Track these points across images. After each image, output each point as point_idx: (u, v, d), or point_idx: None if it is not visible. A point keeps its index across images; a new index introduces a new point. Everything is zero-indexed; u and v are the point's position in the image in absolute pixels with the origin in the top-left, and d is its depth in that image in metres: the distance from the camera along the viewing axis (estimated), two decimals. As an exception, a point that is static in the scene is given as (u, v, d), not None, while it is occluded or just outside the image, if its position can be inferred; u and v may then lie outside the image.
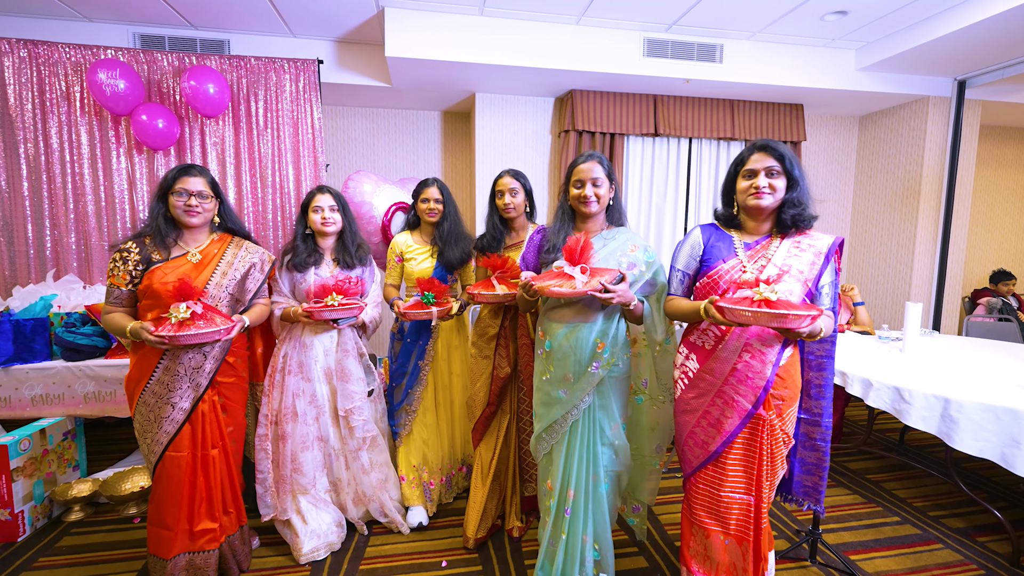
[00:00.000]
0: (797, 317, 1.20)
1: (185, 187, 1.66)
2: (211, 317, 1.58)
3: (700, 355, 1.50)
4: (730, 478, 1.45)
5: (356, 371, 2.02)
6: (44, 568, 1.92)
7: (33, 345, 2.35)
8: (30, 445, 2.17)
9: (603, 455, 1.63)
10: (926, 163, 3.72)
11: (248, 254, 1.81)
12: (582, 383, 1.59)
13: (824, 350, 1.57)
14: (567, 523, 1.62)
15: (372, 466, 2.09)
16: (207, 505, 1.73)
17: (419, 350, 2.24)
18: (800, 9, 2.89)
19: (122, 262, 1.64)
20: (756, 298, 1.25)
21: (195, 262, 1.70)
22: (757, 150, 1.45)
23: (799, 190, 1.42)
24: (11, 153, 2.87)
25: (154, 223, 1.68)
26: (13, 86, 2.82)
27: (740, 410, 1.42)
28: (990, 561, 2.00)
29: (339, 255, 2.02)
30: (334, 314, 1.84)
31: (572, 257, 1.48)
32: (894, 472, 2.74)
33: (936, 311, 3.80)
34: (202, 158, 3.08)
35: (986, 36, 2.94)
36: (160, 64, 2.97)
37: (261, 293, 1.87)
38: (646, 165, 3.81)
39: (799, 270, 1.41)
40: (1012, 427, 1.83)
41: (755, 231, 1.50)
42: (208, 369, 1.70)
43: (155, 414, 1.66)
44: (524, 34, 3.09)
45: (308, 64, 3.15)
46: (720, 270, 1.47)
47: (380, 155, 4.06)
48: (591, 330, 1.58)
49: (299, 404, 1.97)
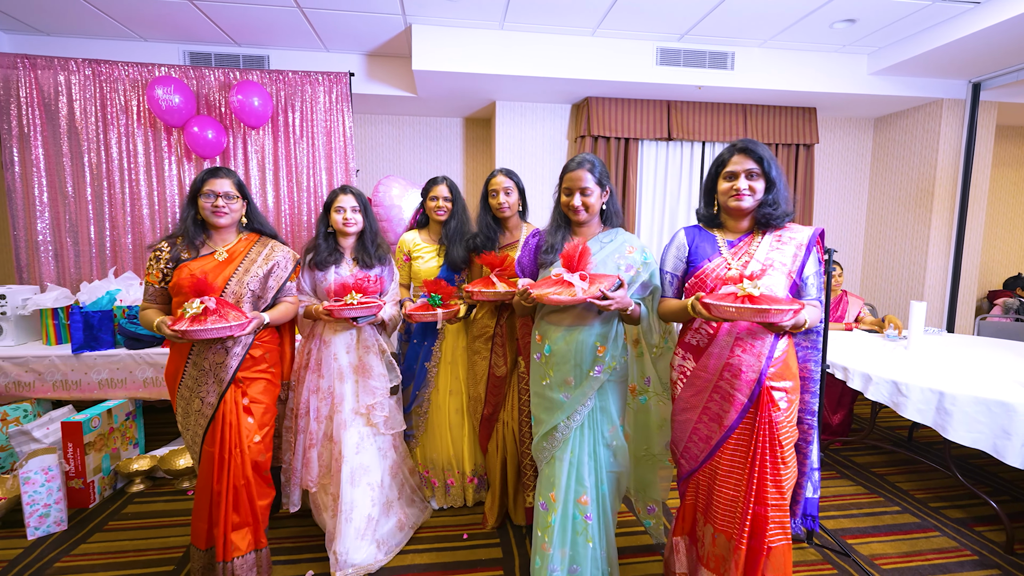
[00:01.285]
0: (779, 311, 1.24)
1: (212, 189, 1.71)
2: (224, 313, 1.58)
3: (695, 354, 1.53)
4: (723, 470, 1.47)
5: (377, 367, 2.02)
6: (114, 530, 2.18)
7: (100, 335, 2.63)
8: (99, 423, 2.43)
9: (604, 457, 1.64)
10: (939, 165, 3.76)
11: (273, 253, 1.83)
12: (584, 387, 1.59)
13: (809, 340, 1.57)
14: (592, 528, 1.61)
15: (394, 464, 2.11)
16: (232, 508, 1.71)
17: (425, 351, 2.23)
18: (808, 18, 3.00)
19: (155, 260, 1.71)
20: (740, 294, 1.30)
21: (221, 260, 1.74)
22: (737, 152, 1.47)
23: (775, 191, 1.46)
24: (77, 163, 3.17)
25: (183, 225, 1.74)
26: (79, 101, 3.12)
27: (737, 404, 1.44)
28: (984, 548, 2.09)
29: (359, 254, 2.03)
30: (353, 312, 1.85)
31: (570, 264, 1.48)
32: (900, 466, 2.83)
33: (950, 311, 3.83)
34: (244, 165, 3.35)
35: (1002, 39, 2.96)
36: (208, 79, 3.24)
37: (287, 291, 1.88)
38: (660, 168, 3.94)
39: (782, 263, 1.45)
40: (1003, 419, 1.92)
41: (736, 229, 1.54)
42: (231, 365, 1.71)
43: (190, 407, 1.73)
44: (542, 46, 3.27)
45: (340, 77, 3.39)
46: (706, 269, 1.50)
47: (405, 160, 4.28)
48: (590, 333, 1.59)
49: (313, 400, 1.99)
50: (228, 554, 1.70)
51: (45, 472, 2.13)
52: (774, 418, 1.43)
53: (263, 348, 1.82)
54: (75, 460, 2.31)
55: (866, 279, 4.44)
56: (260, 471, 1.79)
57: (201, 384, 1.71)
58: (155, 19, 3.02)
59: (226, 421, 1.70)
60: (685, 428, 1.56)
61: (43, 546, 2.07)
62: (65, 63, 3.09)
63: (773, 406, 1.43)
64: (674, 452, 1.64)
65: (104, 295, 2.69)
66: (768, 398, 1.43)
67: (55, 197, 3.18)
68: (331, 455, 1.97)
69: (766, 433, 1.42)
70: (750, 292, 1.29)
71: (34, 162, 3.11)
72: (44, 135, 3.12)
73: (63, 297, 2.77)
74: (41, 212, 3.15)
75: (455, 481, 2.28)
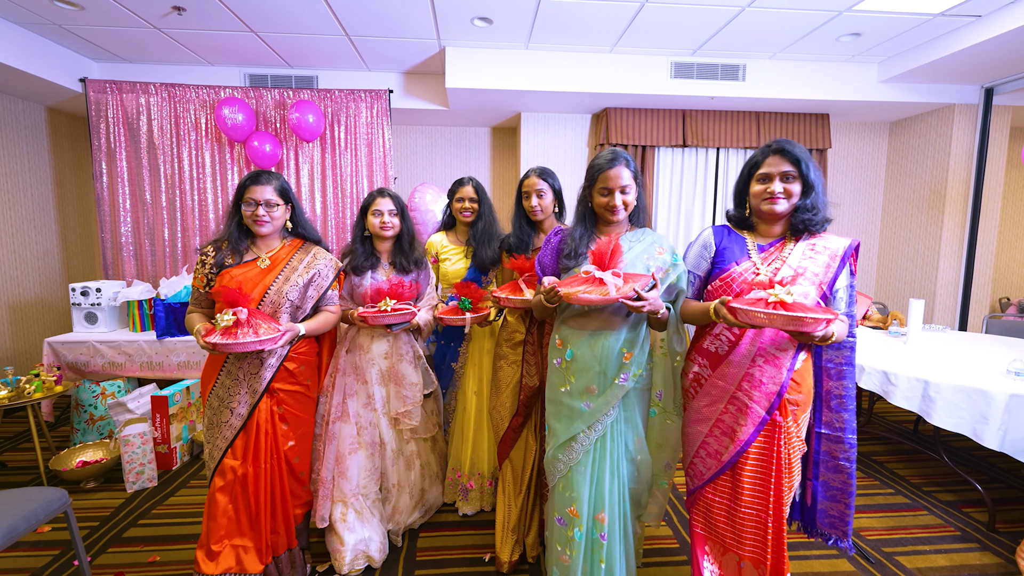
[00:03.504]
0: (814, 320, 1.15)
1: (253, 196, 1.66)
2: (256, 325, 1.54)
3: (712, 361, 1.45)
4: (746, 491, 1.39)
5: (410, 375, 1.98)
6: (195, 488, 2.58)
7: (179, 323, 3.05)
8: (180, 398, 2.84)
9: (626, 472, 1.54)
10: (952, 168, 3.87)
11: (315, 261, 1.78)
12: (608, 395, 1.50)
13: (843, 357, 1.46)
14: (605, 550, 1.50)
15: (422, 470, 2.14)
16: (252, 522, 1.69)
17: (451, 352, 2.23)
18: (815, 33, 3.19)
19: (201, 265, 1.69)
20: (771, 299, 1.20)
21: (263, 267, 1.70)
22: (772, 153, 1.39)
23: (814, 195, 1.37)
24: (154, 174, 3.63)
25: (227, 230, 1.71)
26: (157, 120, 3.58)
27: (754, 417, 1.37)
28: (968, 526, 2.27)
29: (396, 259, 1.99)
30: (387, 320, 1.83)
31: (602, 261, 1.40)
32: (900, 455, 2.99)
33: (963, 311, 3.93)
34: (296, 174, 3.75)
35: (1012, 46, 3.04)
36: (265, 99, 3.65)
37: (328, 300, 1.83)
38: (675, 174, 4.17)
39: (814, 273, 1.36)
40: (982, 405, 2.11)
41: (768, 233, 1.46)
42: (265, 376, 1.68)
43: (218, 417, 1.69)
44: (564, 63, 3.55)
45: (381, 94, 3.75)
46: (733, 272, 1.42)
47: (437, 167, 4.63)
48: (617, 339, 1.50)
49: (351, 405, 1.95)
50: (266, 558, 1.70)
51: (140, 436, 2.53)
52: (791, 433, 1.38)
53: (298, 361, 1.76)
54: (162, 428, 2.73)
55: (880, 279, 4.54)
56: (295, 474, 1.80)
57: (233, 394, 1.67)
58: (223, 48, 3.44)
59: (261, 429, 1.67)
60: (694, 441, 1.49)
61: (139, 498, 2.47)
62: (145, 87, 3.54)
63: (793, 421, 1.38)
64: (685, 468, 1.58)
65: (182, 288, 3.11)
66: (786, 412, 1.37)
67: (136, 204, 3.64)
68: (380, 458, 2.01)
69: (784, 450, 1.37)
70: (783, 298, 1.20)
71: (119, 174, 3.58)
72: (127, 150, 3.59)
73: (147, 291, 3.22)
74: (124, 217, 3.62)
75: (475, 485, 2.25)
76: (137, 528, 2.22)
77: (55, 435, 3.25)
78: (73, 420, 2.99)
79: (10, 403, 2.49)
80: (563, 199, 2.07)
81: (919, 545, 2.13)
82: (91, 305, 3.12)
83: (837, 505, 1.50)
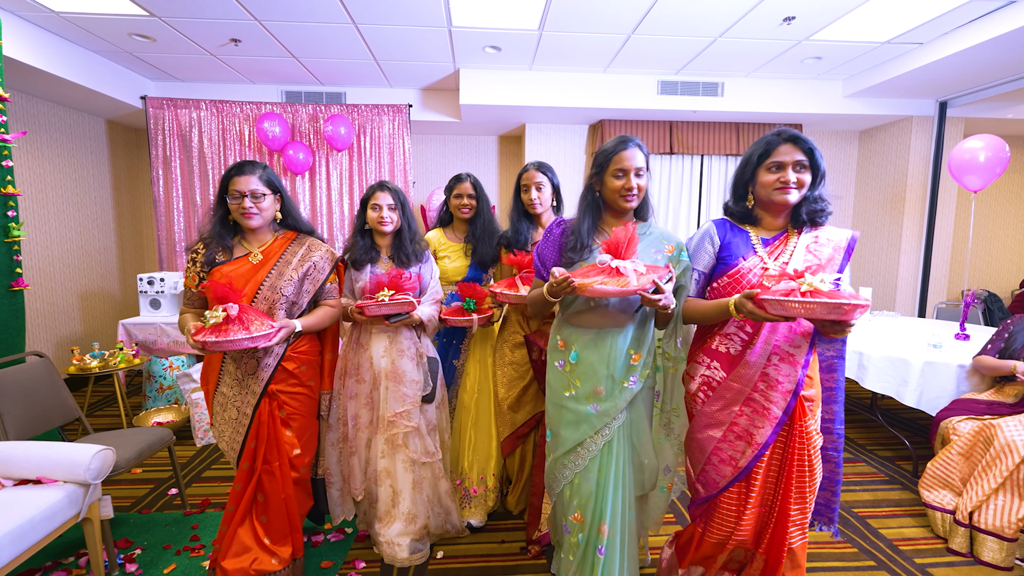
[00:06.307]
0: (852, 307, 1.07)
1: (238, 188, 1.56)
2: (248, 321, 1.45)
3: (725, 362, 1.39)
4: (758, 494, 1.36)
5: (411, 372, 1.88)
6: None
7: (231, 308, 3.55)
8: (235, 371, 3.34)
9: (632, 479, 1.48)
10: (910, 173, 4.33)
11: (310, 253, 1.71)
12: (616, 399, 1.42)
13: (835, 350, 1.46)
14: (602, 565, 1.42)
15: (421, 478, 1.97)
16: (259, 528, 1.63)
17: (453, 349, 2.18)
18: (782, 56, 3.65)
19: (191, 263, 1.62)
20: (804, 288, 1.14)
21: (255, 263, 1.62)
22: (785, 141, 1.33)
23: (822, 186, 1.34)
24: (203, 180, 4.14)
25: (212, 228, 1.63)
26: (207, 132, 4.09)
27: (772, 418, 1.32)
28: (896, 472, 2.73)
29: (396, 253, 1.92)
30: (384, 309, 1.73)
31: (617, 251, 1.31)
32: (856, 424, 3.45)
33: (922, 300, 4.39)
34: (326, 179, 4.25)
35: (965, 64, 3.39)
36: (300, 113, 4.16)
37: (327, 294, 1.76)
38: (663, 179, 4.64)
39: (820, 266, 1.35)
40: (903, 371, 2.58)
41: (772, 226, 1.41)
42: (262, 377, 1.61)
43: (226, 414, 1.66)
44: (563, 82, 4.03)
45: (401, 108, 4.25)
46: (742, 268, 1.36)
47: (450, 172, 5.11)
48: (624, 339, 1.43)
49: (351, 407, 1.90)
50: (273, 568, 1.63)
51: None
52: (809, 429, 1.35)
53: (298, 361, 1.69)
54: (222, 396, 3.20)
55: (852, 273, 5.01)
56: (300, 483, 1.73)
57: (236, 394, 1.64)
58: (265, 70, 3.94)
59: (260, 436, 1.61)
60: (705, 448, 1.41)
61: (207, 451, 2.97)
62: (196, 103, 4.05)
63: (810, 417, 1.35)
64: (689, 476, 1.51)
65: (233, 279, 3.62)
66: (802, 410, 1.34)
67: (187, 206, 4.16)
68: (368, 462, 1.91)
69: (803, 446, 1.33)
70: (817, 286, 1.13)
71: (173, 180, 4.09)
72: (181, 159, 4.10)
73: (202, 281, 3.72)
74: (177, 218, 4.13)
75: (478, 490, 2.14)
76: (210, 470, 2.73)
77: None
78: (145, 389, 3.50)
79: (99, 371, 3.00)
80: (561, 195, 2.10)
81: (852, 486, 2.60)
82: (156, 293, 3.63)
83: (824, 493, 1.48)
